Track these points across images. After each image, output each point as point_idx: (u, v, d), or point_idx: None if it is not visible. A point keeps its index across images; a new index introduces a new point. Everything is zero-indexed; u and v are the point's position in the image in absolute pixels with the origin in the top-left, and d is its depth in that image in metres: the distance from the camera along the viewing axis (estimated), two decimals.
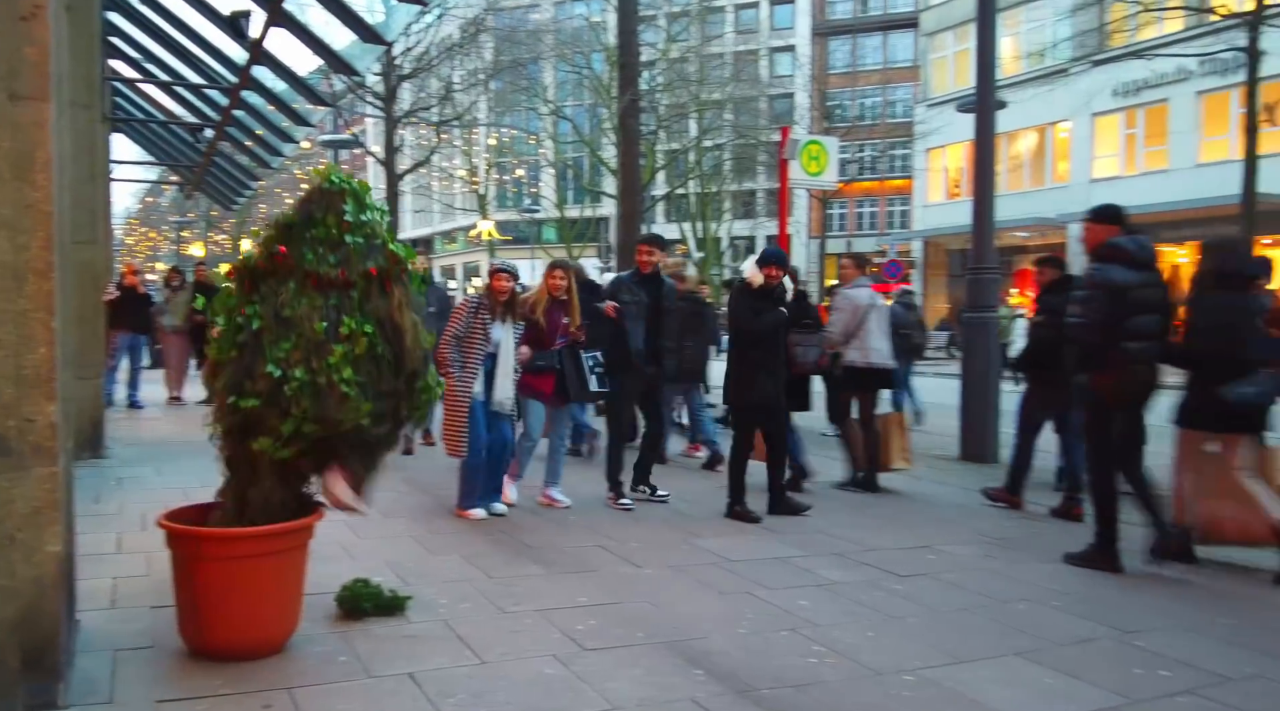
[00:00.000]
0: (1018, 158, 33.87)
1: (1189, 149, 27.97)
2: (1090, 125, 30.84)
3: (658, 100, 33.25)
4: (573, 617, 4.39)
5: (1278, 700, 3.62)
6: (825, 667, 3.88)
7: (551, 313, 6.83)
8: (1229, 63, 23.84)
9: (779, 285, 6.75)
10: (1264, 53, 18.70)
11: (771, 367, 6.71)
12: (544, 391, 6.90)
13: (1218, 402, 5.30)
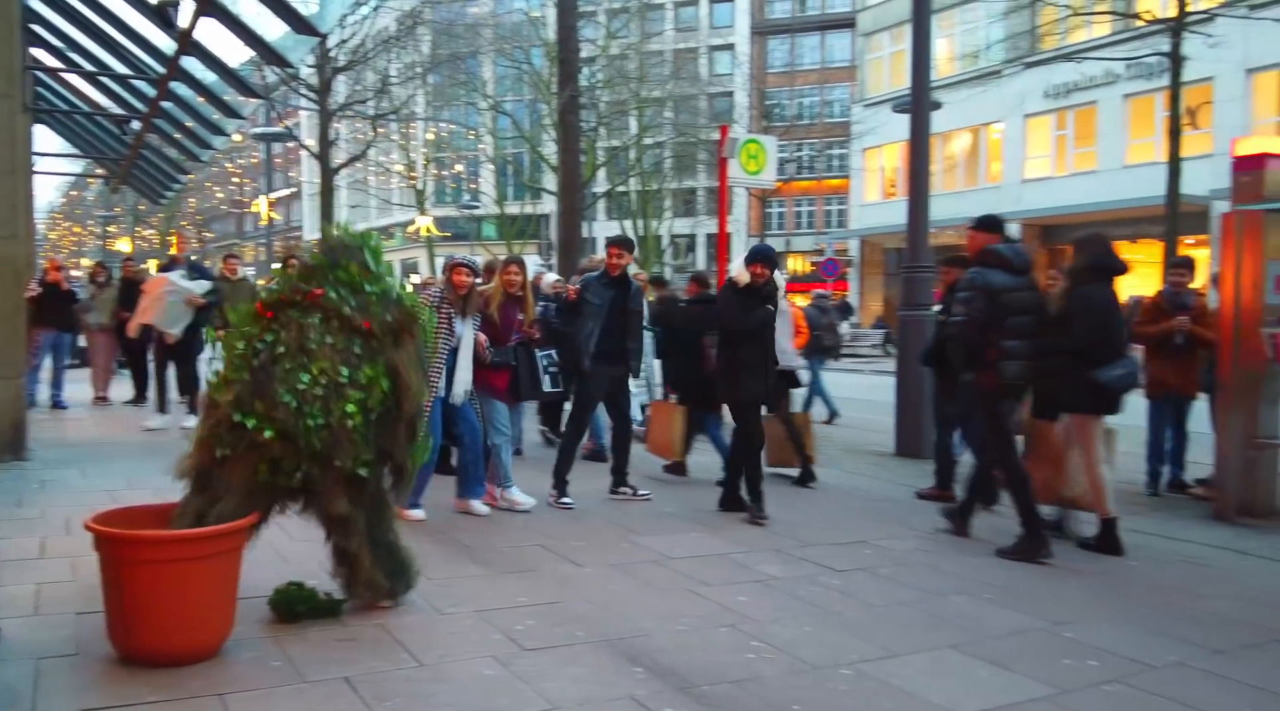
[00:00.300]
0: (952, 158, 34.47)
1: (1117, 150, 28.70)
2: (1022, 126, 31.49)
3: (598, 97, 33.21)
4: (512, 618, 4.37)
5: (1198, 686, 3.74)
6: (763, 663, 3.92)
7: (506, 309, 6.81)
8: (1153, 67, 24.55)
9: (769, 282, 6.67)
10: (1186, 58, 19.28)
11: (759, 366, 6.68)
12: (501, 389, 6.87)
13: (1088, 385, 5.73)
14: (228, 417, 4.01)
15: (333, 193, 25.17)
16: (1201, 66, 21.63)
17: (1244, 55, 24.01)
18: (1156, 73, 24.43)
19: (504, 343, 6.80)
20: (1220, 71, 24.51)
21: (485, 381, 6.74)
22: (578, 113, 16.49)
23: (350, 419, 4.05)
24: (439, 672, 3.72)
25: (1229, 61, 23.62)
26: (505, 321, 6.79)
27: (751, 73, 42.49)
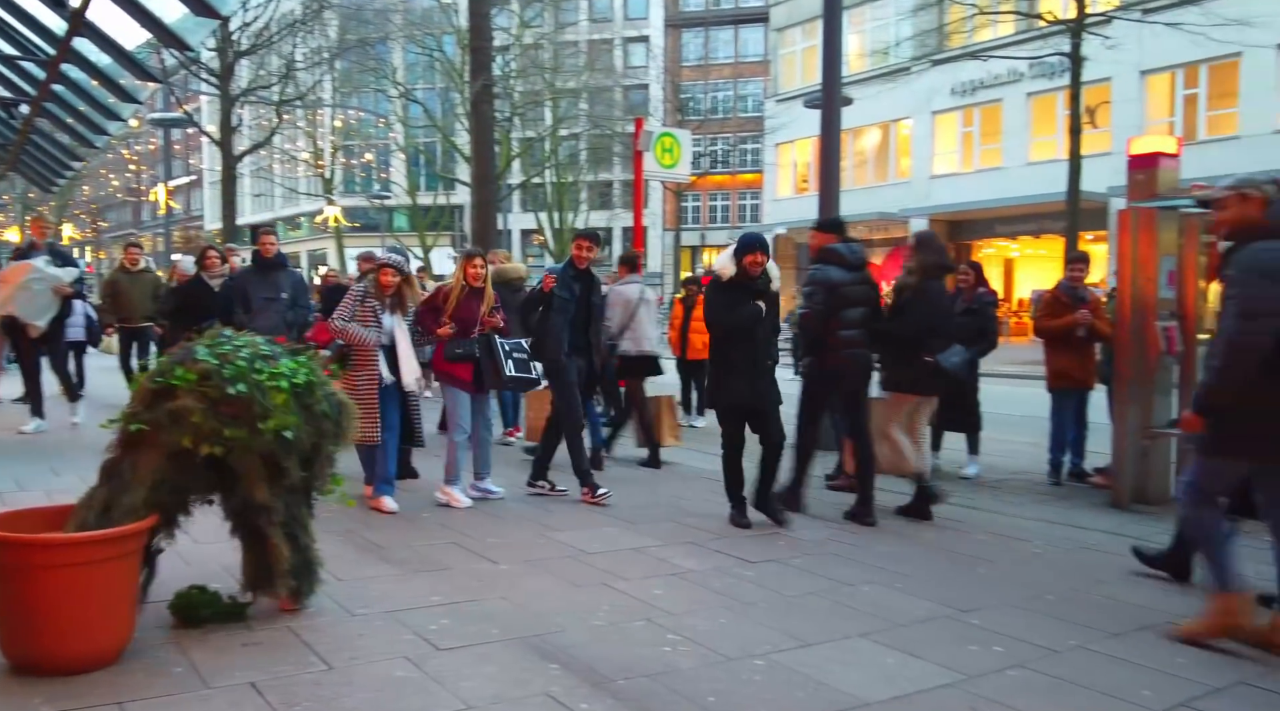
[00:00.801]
0: (863, 153, 35.08)
1: (1021, 148, 29.56)
2: (930, 123, 32.21)
3: (512, 87, 33.01)
4: (425, 617, 4.33)
5: (1098, 668, 3.89)
6: (679, 655, 3.95)
7: (469, 301, 6.86)
8: (1055, 66, 25.33)
9: (761, 275, 6.16)
10: (1085, 58, 19.92)
11: (747, 368, 6.19)
12: (465, 379, 6.88)
13: (920, 369, 6.53)
14: (147, 393, 3.96)
15: (235, 181, 24.53)
16: (1100, 67, 22.39)
17: (1138, 57, 24.93)
18: (1058, 72, 25.21)
19: (467, 335, 6.84)
20: (1117, 72, 25.42)
21: (449, 373, 6.84)
22: (491, 102, 16.33)
23: (277, 384, 4.07)
24: (349, 675, 3.67)
25: (1125, 63, 24.50)
26: (467, 314, 6.83)
27: (666, 65, 42.68)
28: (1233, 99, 24.81)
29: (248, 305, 8.53)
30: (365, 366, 6.55)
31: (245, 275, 8.82)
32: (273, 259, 8.77)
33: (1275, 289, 3.93)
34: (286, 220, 59.17)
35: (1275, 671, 3.88)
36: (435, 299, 6.89)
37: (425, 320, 6.85)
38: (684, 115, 38.77)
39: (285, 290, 8.75)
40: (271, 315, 8.53)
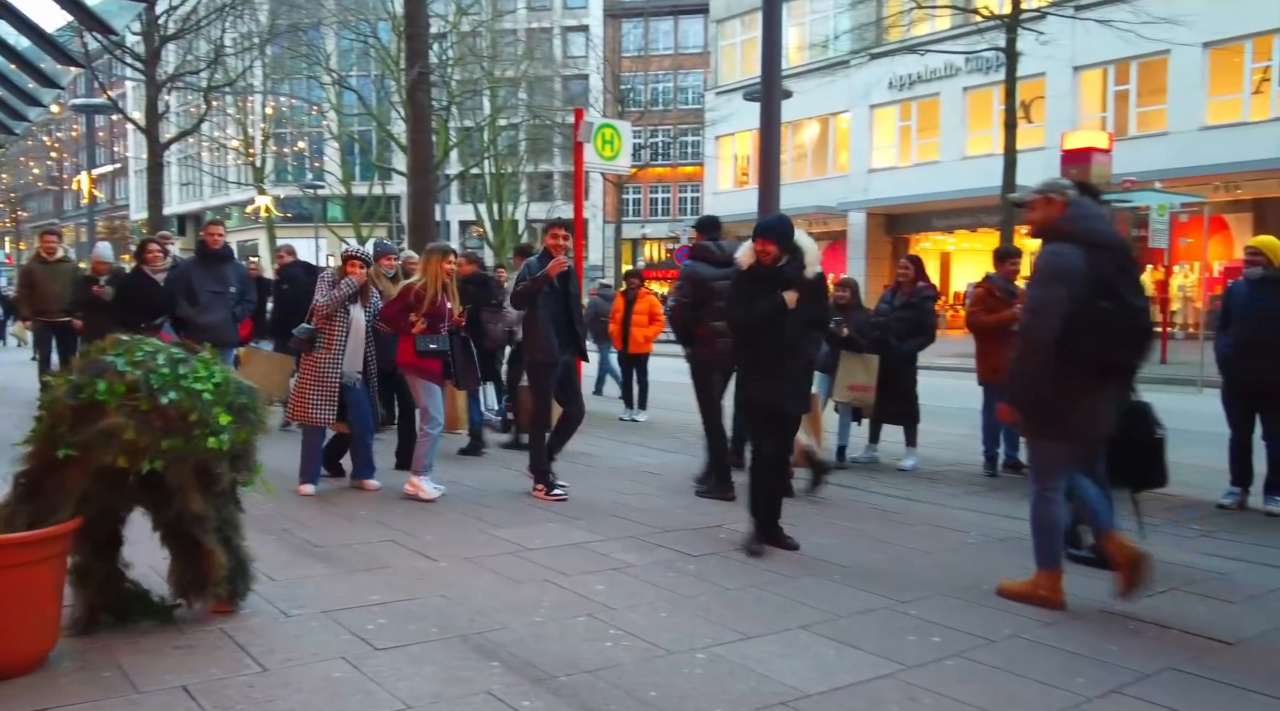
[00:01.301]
0: (802, 147, 35.39)
1: (957, 142, 30.05)
2: (868, 116, 32.60)
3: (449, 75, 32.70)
4: (363, 617, 4.29)
5: (1032, 656, 3.98)
6: (620, 651, 3.96)
7: (441, 298, 7.00)
8: (991, 61, 25.76)
9: (788, 262, 5.54)
10: (1020, 54, 20.31)
11: (769, 367, 5.56)
12: (435, 370, 7.03)
13: None
14: (69, 412, 3.75)
15: (162, 169, 23.99)
16: (1034, 62, 22.84)
17: (1071, 53, 25.49)
18: (993, 67, 25.65)
19: (437, 331, 6.94)
20: (1051, 68, 25.96)
21: (421, 367, 6.96)
22: (428, 91, 16.13)
23: (205, 386, 4.00)
24: (284, 677, 3.62)
25: (1058, 59, 25.03)
26: (440, 310, 6.96)
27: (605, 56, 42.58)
28: (1162, 96, 25.49)
29: (194, 299, 8.28)
30: (330, 349, 6.81)
31: (189, 267, 8.53)
32: (219, 251, 8.56)
33: (1062, 288, 4.40)
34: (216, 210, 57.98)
35: (1203, 657, 4.01)
36: (407, 296, 6.91)
37: (398, 318, 6.92)
38: (624, 106, 38.73)
39: (232, 283, 8.54)
40: (219, 309, 8.34)
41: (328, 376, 6.79)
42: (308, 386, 6.83)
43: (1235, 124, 24.06)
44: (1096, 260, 4.46)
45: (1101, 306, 4.38)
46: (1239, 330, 6.81)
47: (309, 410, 6.82)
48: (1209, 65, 24.62)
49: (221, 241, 8.63)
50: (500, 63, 36.44)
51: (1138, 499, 5.17)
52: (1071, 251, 4.47)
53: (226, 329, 8.59)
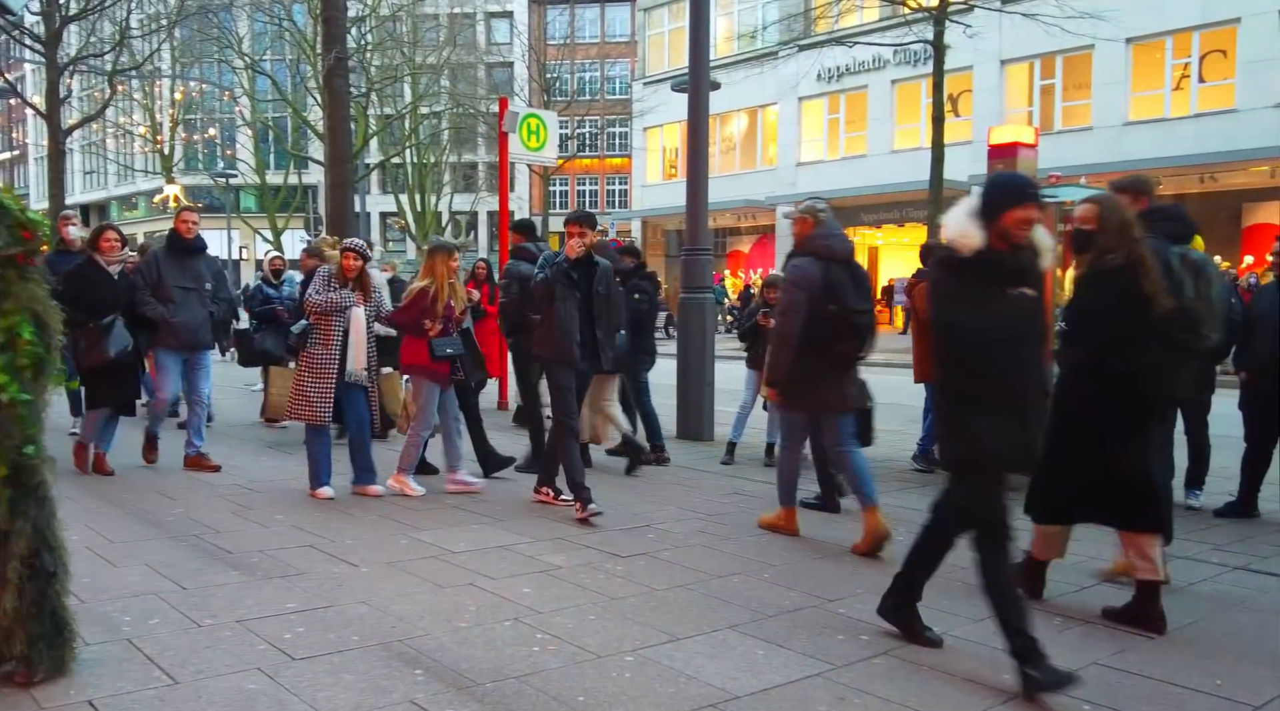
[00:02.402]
0: (730, 139, 35.60)
1: (885, 135, 30.50)
2: (797, 109, 32.90)
3: (368, 60, 32.24)
4: (279, 626, 4.22)
5: (961, 654, 4.08)
6: (547, 655, 3.96)
7: (449, 298, 7.00)
8: (919, 54, 26.24)
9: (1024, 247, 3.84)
10: (948, 46, 20.66)
11: (1015, 404, 3.82)
12: (445, 374, 7.00)
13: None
14: None
15: (63, 156, 23.26)
16: (962, 55, 23.29)
17: (998, 46, 26.05)
18: (921, 60, 26.13)
19: (447, 333, 6.94)
20: (978, 61, 26.50)
21: (432, 370, 6.93)
22: (346, 77, 15.87)
23: (3, 390, 3.36)
24: (196, 690, 3.55)
25: (985, 52, 25.57)
26: (451, 312, 6.96)
27: (530, 43, 42.31)
28: (1086, 91, 26.19)
29: (165, 296, 7.59)
30: (327, 345, 6.75)
31: (158, 260, 7.72)
32: (193, 242, 7.85)
33: (802, 294, 5.63)
34: (121, 199, 56.51)
35: (1128, 651, 4.13)
36: (423, 301, 6.86)
37: (414, 325, 6.88)
38: (550, 96, 38.52)
39: (208, 279, 7.89)
40: (193, 308, 7.71)
41: (325, 372, 6.72)
42: (306, 384, 6.74)
43: (1157, 120, 24.82)
44: (830, 271, 5.67)
45: (830, 309, 5.62)
46: None
47: (310, 408, 6.71)
48: (1131, 61, 25.36)
49: (196, 231, 7.88)
50: (421, 48, 36.04)
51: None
52: (811, 264, 5.69)
53: (203, 330, 7.87)
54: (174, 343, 7.70)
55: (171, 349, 7.73)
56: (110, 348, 7.09)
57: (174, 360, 7.77)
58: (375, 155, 40.79)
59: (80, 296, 7.12)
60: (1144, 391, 4.37)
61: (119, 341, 7.14)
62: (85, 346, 7.10)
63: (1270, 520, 6.57)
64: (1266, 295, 6.81)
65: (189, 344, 7.78)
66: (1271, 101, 22.86)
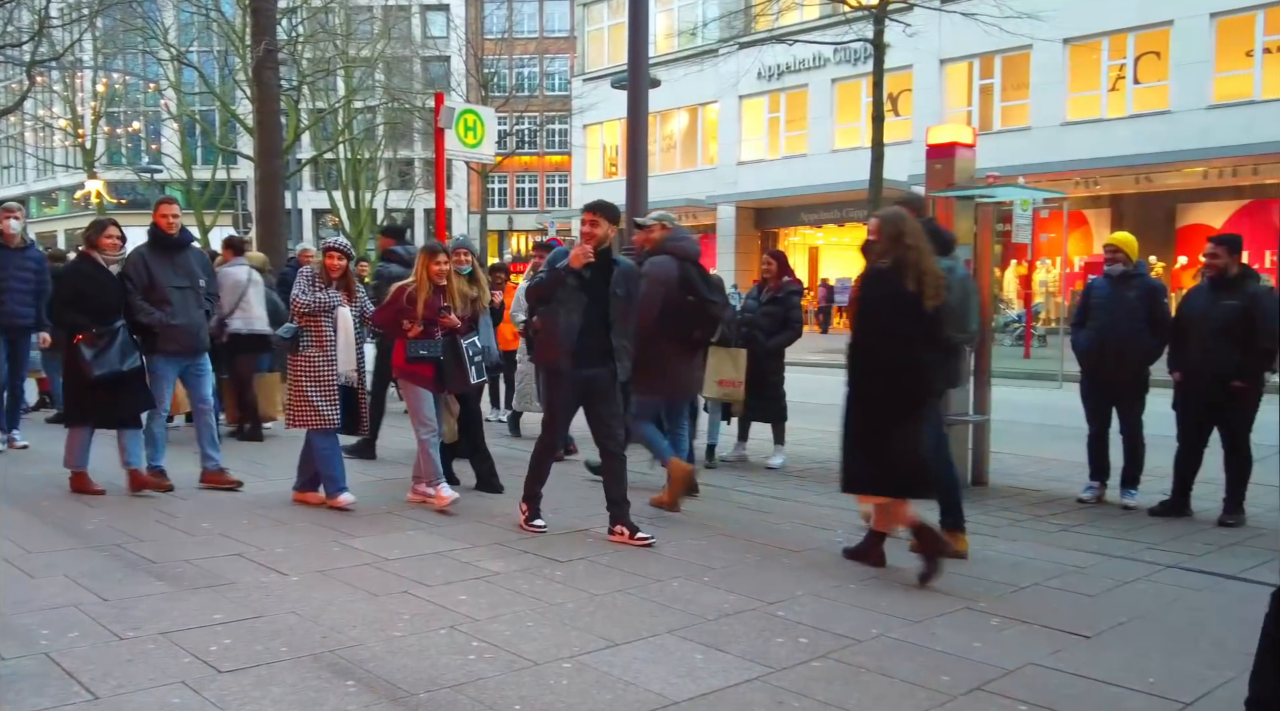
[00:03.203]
0: (670, 138, 35.72)
1: (825, 135, 30.82)
2: (737, 107, 33.12)
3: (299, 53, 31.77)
4: (205, 638, 4.14)
5: (899, 656, 4.12)
6: (484, 663, 3.94)
7: (433, 300, 6.76)
8: (859, 53, 26.55)
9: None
10: (888, 45, 20.97)
11: None
12: (428, 377, 6.84)
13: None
14: None
15: None
16: (901, 54, 23.66)
17: (938, 46, 26.47)
18: (862, 58, 26.44)
19: (428, 335, 6.75)
20: (918, 60, 26.92)
21: (413, 373, 6.80)
22: (276, 69, 15.66)
23: None
24: (117, 705, 3.47)
25: (925, 51, 25.98)
26: (429, 314, 6.74)
27: (467, 37, 42.03)
28: (1025, 91, 26.71)
29: (160, 298, 6.97)
30: (323, 346, 6.65)
31: (144, 258, 7.04)
32: (177, 237, 7.22)
33: (660, 288, 6.66)
34: (41, 195, 55.13)
35: (1063, 650, 4.22)
36: (400, 300, 6.72)
37: (390, 326, 6.82)
38: (488, 91, 38.27)
39: (201, 276, 7.34)
40: (191, 309, 7.13)
41: (324, 375, 6.64)
42: (306, 388, 6.62)
43: (1094, 120, 25.38)
44: (684, 268, 6.84)
45: (688, 300, 6.80)
46: (1097, 325, 7.19)
47: (318, 415, 6.62)
48: (1069, 61, 25.91)
49: (179, 224, 7.21)
50: (355, 41, 35.61)
51: None
52: (668, 261, 6.84)
53: (202, 331, 7.36)
54: (174, 347, 7.11)
55: (171, 354, 7.12)
56: (115, 363, 6.65)
57: (172, 368, 7.19)
58: (307, 150, 40.24)
59: (80, 297, 6.80)
60: (914, 379, 5.17)
61: (125, 355, 6.71)
62: (91, 355, 6.60)
63: (1202, 519, 6.74)
64: (1197, 297, 6.98)
65: (190, 348, 7.21)
66: (1204, 103, 23.51)
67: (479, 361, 7.08)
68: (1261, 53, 23.17)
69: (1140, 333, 6.98)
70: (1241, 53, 23.41)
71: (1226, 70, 23.56)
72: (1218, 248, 6.77)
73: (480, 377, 7.20)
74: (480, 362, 7.11)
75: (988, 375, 7.81)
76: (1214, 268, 6.76)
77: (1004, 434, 8.63)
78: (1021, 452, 9.05)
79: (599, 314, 5.96)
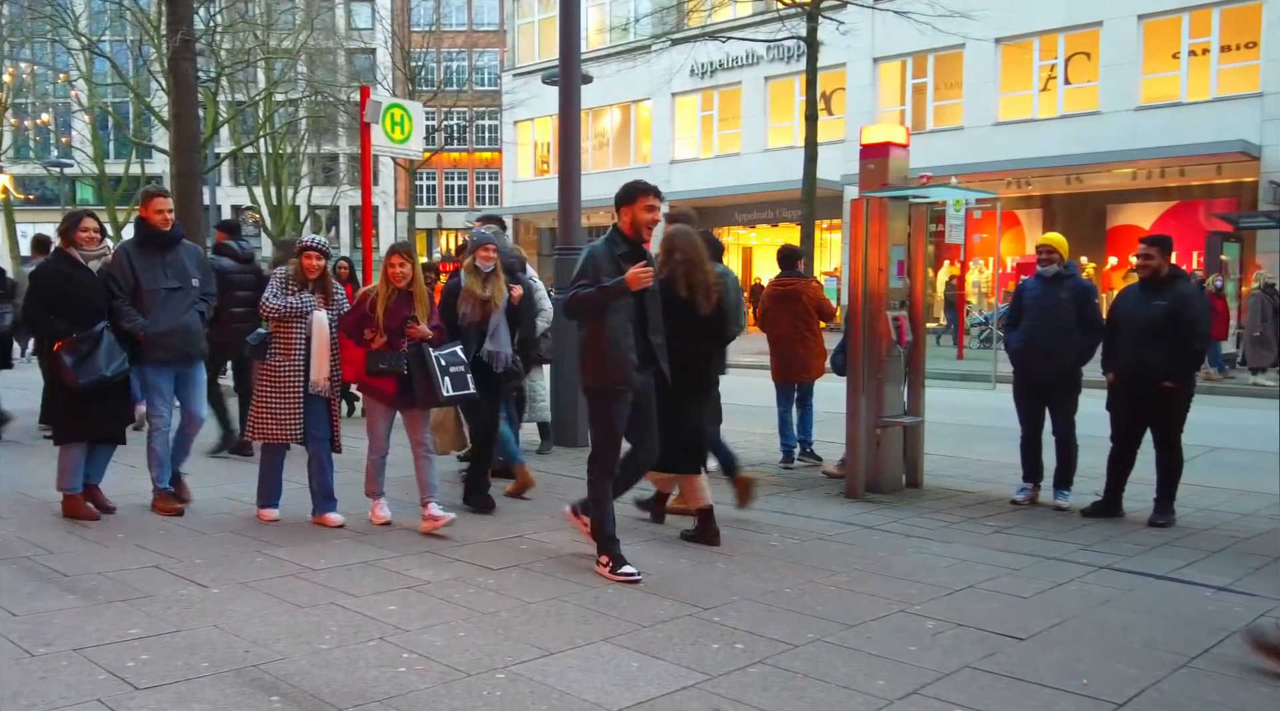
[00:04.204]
0: (603, 135, 35.72)
1: (759, 133, 31.06)
2: (670, 105, 33.23)
3: (217, 43, 31.18)
4: (121, 653, 4.05)
5: (835, 661, 4.17)
6: (414, 675, 3.91)
7: (397, 307, 6.31)
8: (793, 50, 26.79)
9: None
10: (822, 43, 21.20)
11: None
12: (385, 391, 6.40)
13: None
14: None
15: None
16: (835, 53, 23.95)
17: (871, 44, 26.85)
18: (795, 56, 26.69)
19: (393, 346, 6.28)
20: (851, 59, 27.27)
21: (372, 387, 6.45)
22: (194, 60, 15.33)
23: None
24: None
25: (859, 49, 26.33)
26: (393, 322, 6.28)
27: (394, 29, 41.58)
28: (958, 90, 27.21)
29: (148, 300, 6.48)
30: (289, 355, 6.34)
31: (129, 257, 6.52)
32: (170, 232, 6.66)
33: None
34: None
35: (997, 653, 4.29)
36: (364, 305, 6.36)
37: (352, 331, 6.38)
38: (415, 85, 37.95)
39: (194, 274, 6.73)
40: (181, 311, 6.59)
41: (290, 385, 6.31)
42: (268, 397, 6.32)
43: (1025, 120, 25.95)
44: None
45: None
46: (1030, 326, 7.33)
47: (280, 426, 6.32)
48: (1000, 61, 26.44)
49: (172, 219, 6.67)
50: (276, 32, 35.04)
51: None
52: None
53: (195, 336, 6.75)
54: (163, 355, 6.55)
55: (161, 363, 6.58)
56: (100, 369, 6.19)
57: (165, 377, 6.64)
58: (226, 144, 39.54)
59: (63, 300, 6.29)
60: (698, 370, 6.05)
61: (110, 359, 6.23)
62: (72, 361, 6.13)
63: (1134, 519, 6.92)
64: (1128, 297, 7.16)
65: (181, 354, 6.65)
66: (1132, 104, 24.16)
67: (458, 373, 6.37)
68: (1187, 55, 23.89)
69: (1072, 333, 7.14)
70: (1168, 55, 24.11)
71: (1154, 72, 24.24)
72: (1150, 248, 6.92)
73: (458, 391, 6.36)
74: (461, 374, 6.38)
75: (922, 377, 7.95)
76: (1147, 268, 6.91)
77: (937, 435, 8.79)
78: (955, 454, 9.22)
79: (639, 316, 5.52)
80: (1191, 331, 6.72)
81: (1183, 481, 6.96)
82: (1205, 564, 5.81)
